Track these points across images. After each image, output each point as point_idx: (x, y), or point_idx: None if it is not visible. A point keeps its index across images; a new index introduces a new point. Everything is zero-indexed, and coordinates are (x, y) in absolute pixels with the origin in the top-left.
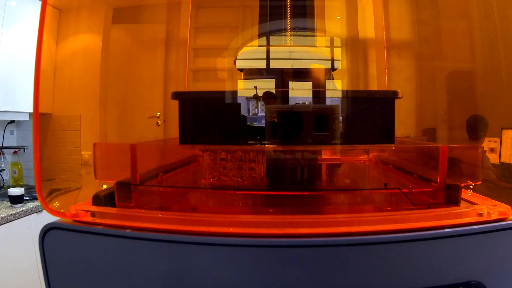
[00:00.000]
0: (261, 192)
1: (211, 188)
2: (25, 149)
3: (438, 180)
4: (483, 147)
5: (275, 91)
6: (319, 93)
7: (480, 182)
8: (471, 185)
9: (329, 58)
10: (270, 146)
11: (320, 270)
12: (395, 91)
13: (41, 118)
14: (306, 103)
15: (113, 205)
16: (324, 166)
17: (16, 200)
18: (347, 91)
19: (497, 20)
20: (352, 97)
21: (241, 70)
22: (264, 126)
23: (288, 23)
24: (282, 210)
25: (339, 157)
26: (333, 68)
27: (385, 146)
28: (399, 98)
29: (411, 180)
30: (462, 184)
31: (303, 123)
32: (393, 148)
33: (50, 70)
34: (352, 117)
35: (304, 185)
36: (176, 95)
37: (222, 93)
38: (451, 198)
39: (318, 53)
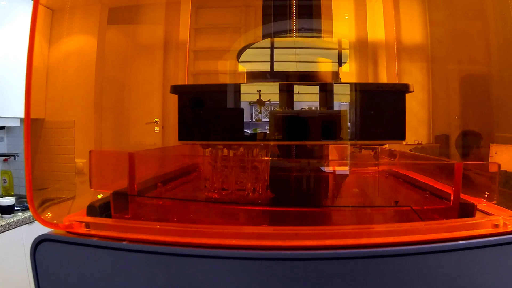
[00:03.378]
0: (264, 208)
1: (213, 202)
2: (16, 157)
3: (452, 198)
4: (499, 165)
5: (280, 95)
6: (326, 96)
7: (495, 202)
8: (486, 192)
9: (337, 61)
10: (274, 142)
11: (327, 285)
12: (406, 84)
13: (32, 124)
14: (313, 108)
15: (108, 215)
16: (332, 180)
17: (6, 210)
18: (355, 84)
19: None
20: (360, 91)
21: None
22: (268, 125)
23: (294, 23)
24: (286, 222)
25: (346, 168)
26: (340, 64)
27: (395, 143)
28: (410, 91)
29: (423, 196)
30: (477, 205)
31: (309, 130)
32: (404, 143)
33: (42, 73)
34: (360, 113)
35: (310, 201)
36: (175, 89)
37: (224, 86)
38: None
39: (324, 56)
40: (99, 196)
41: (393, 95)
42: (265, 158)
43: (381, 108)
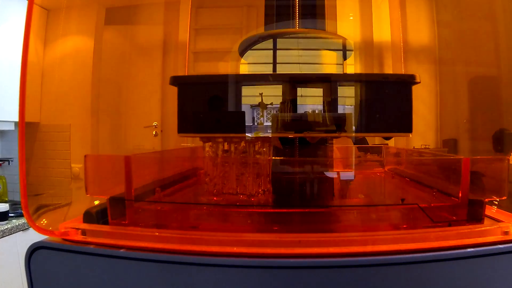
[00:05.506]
0: (267, 210)
1: (213, 204)
2: (10, 162)
3: (460, 195)
4: (508, 159)
5: (282, 97)
6: (329, 89)
7: (505, 197)
8: (496, 200)
9: (341, 62)
10: (276, 134)
11: None
12: (412, 74)
13: (27, 128)
14: (316, 111)
15: (105, 222)
16: (336, 180)
17: (0, 217)
18: (359, 74)
19: None
20: (365, 82)
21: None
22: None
23: (297, 24)
24: (289, 227)
25: (352, 170)
26: (345, 58)
27: (402, 135)
28: (417, 82)
29: (430, 195)
30: (486, 200)
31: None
32: (410, 136)
33: (37, 75)
34: (365, 104)
35: (314, 200)
36: (175, 80)
37: (225, 76)
38: (474, 214)
39: (329, 57)
40: (96, 202)
41: (399, 86)
42: (268, 158)
43: (386, 99)
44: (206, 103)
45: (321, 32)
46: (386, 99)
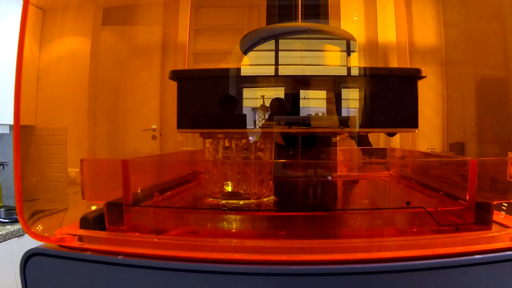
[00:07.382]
0: (269, 214)
1: (214, 209)
2: (5, 166)
3: (467, 197)
4: None
5: (284, 99)
6: (333, 84)
7: None
8: (505, 204)
9: (345, 63)
10: (277, 130)
11: None
12: (418, 68)
13: (22, 131)
14: (320, 114)
15: (103, 228)
16: (340, 183)
17: None
18: (364, 68)
19: None
20: (370, 75)
21: None
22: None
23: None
24: (292, 232)
25: (356, 173)
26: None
27: (407, 131)
28: (423, 77)
29: (437, 198)
30: (494, 202)
31: (316, 136)
32: (416, 131)
33: (32, 77)
34: (370, 99)
35: (317, 204)
36: (174, 74)
37: (226, 70)
38: (482, 218)
39: (332, 57)
40: (93, 208)
41: (405, 80)
42: (270, 154)
43: (391, 93)
44: (206, 98)
45: (326, 26)
46: (391, 94)
